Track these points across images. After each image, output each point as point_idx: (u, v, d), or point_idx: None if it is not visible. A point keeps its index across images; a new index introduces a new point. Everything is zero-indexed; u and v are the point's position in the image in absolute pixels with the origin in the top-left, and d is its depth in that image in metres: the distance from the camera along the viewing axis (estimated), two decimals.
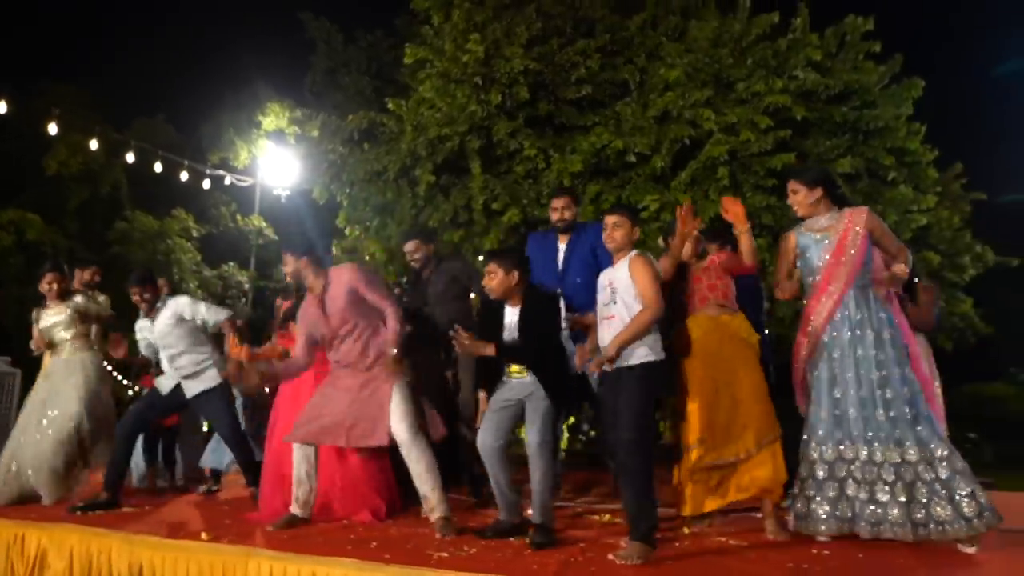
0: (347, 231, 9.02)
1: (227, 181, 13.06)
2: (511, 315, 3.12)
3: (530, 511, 3.03)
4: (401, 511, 3.67)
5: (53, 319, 4.32)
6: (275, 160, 13.19)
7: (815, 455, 2.95)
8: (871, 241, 3.04)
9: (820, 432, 2.95)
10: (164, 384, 4.11)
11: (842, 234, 3.03)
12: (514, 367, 3.06)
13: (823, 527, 2.87)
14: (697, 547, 2.89)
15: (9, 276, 11.92)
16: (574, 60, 7.32)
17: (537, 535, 2.87)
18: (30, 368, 8.24)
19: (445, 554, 2.66)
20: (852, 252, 3.00)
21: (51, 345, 4.34)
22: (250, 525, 3.37)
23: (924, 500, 2.71)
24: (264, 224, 14.38)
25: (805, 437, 3.02)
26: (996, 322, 9.31)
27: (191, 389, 4.08)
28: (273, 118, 11.47)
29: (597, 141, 6.40)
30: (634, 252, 2.97)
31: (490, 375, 3.21)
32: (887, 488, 2.76)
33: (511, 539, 2.98)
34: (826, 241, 3.06)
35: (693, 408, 3.12)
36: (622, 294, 2.91)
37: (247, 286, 13.39)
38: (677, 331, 3.24)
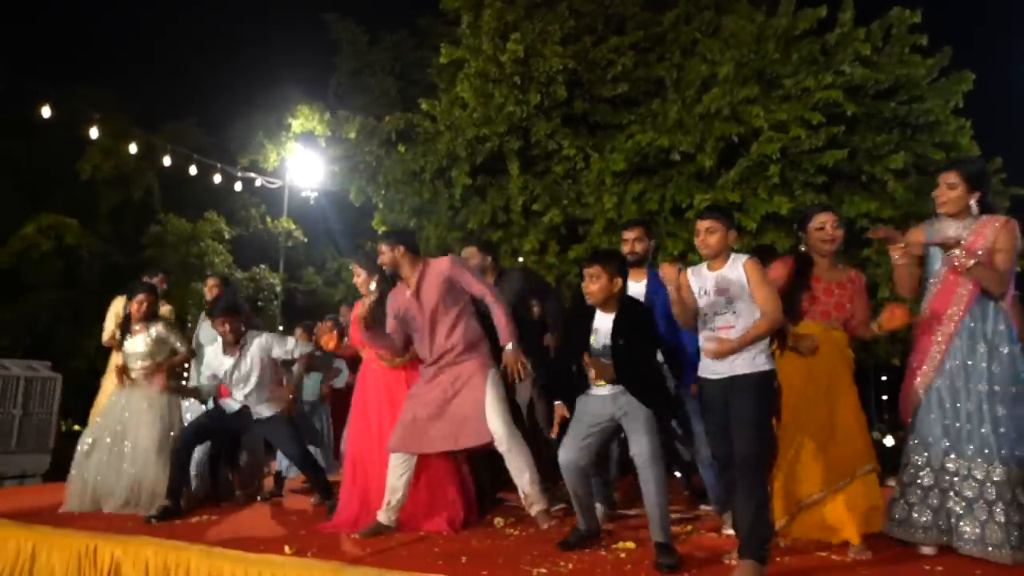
0: (381, 232, 9.00)
1: (257, 183, 13.09)
2: (603, 321, 2.99)
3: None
4: (475, 521, 3.58)
5: (135, 347, 4.22)
6: (303, 162, 13.21)
7: (920, 461, 2.83)
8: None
9: (929, 438, 2.82)
10: (231, 404, 4.07)
11: (971, 241, 2.79)
12: (601, 379, 2.93)
13: (921, 536, 2.77)
14: (800, 565, 2.74)
15: (48, 281, 12.06)
16: (609, 58, 7.24)
17: (662, 556, 2.72)
18: (68, 373, 8.34)
19: (543, 570, 2.58)
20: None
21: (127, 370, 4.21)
22: (327, 536, 3.28)
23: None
24: (293, 226, 14.44)
25: (914, 442, 2.88)
26: None
27: (259, 413, 4.05)
28: (303, 120, 11.45)
29: (641, 139, 6.31)
30: (745, 256, 2.79)
31: (563, 387, 3.12)
32: (987, 507, 2.65)
33: (598, 550, 2.93)
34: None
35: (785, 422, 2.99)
36: (739, 298, 2.71)
37: (278, 288, 13.45)
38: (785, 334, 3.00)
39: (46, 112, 8.80)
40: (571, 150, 6.84)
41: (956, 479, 2.74)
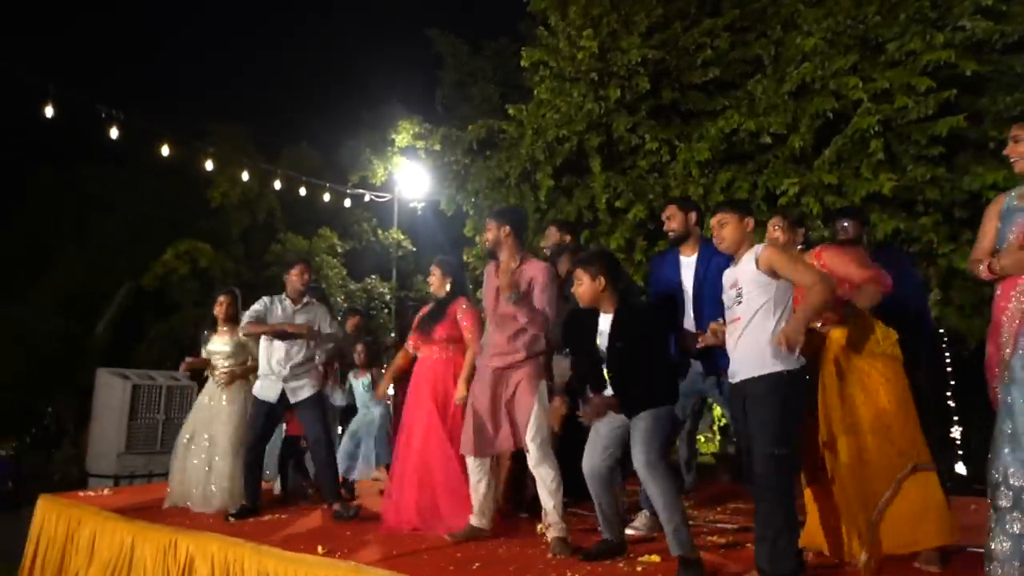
0: (476, 239, 9.10)
1: (366, 198, 13.75)
2: (604, 322, 2.93)
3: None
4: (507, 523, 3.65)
5: (220, 346, 4.59)
6: (409, 175, 13.72)
7: (998, 477, 2.37)
8: None
9: (1005, 450, 2.36)
10: (268, 391, 4.23)
11: None
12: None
13: (1000, 570, 2.29)
14: None
15: (186, 300, 13.42)
16: (700, 42, 6.87)
17: (681, 570, 2.61)
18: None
19: None
20: None
21: (212, 368, 4.62)
22: (368, 539, 3.45)
23: None
24: (403, 236, 15.01)
25: (990, 456, 2.45)
26: None
27: (297, 394, 4.22)
28: (404, 135, 11.91)
29: (726, 125, 5.92)
30: (760, 245, 2.64)
31: (580, 387, 3.09)
32: None
33: (619, 563, 2.84)
34: None
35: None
36: (748, 291, 2.57)
37: (388, 297, 14.02)
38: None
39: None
40: (653, 143, 6.55)
41: None
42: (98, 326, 13.91)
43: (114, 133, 8.34)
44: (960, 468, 7.65)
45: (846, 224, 3.27)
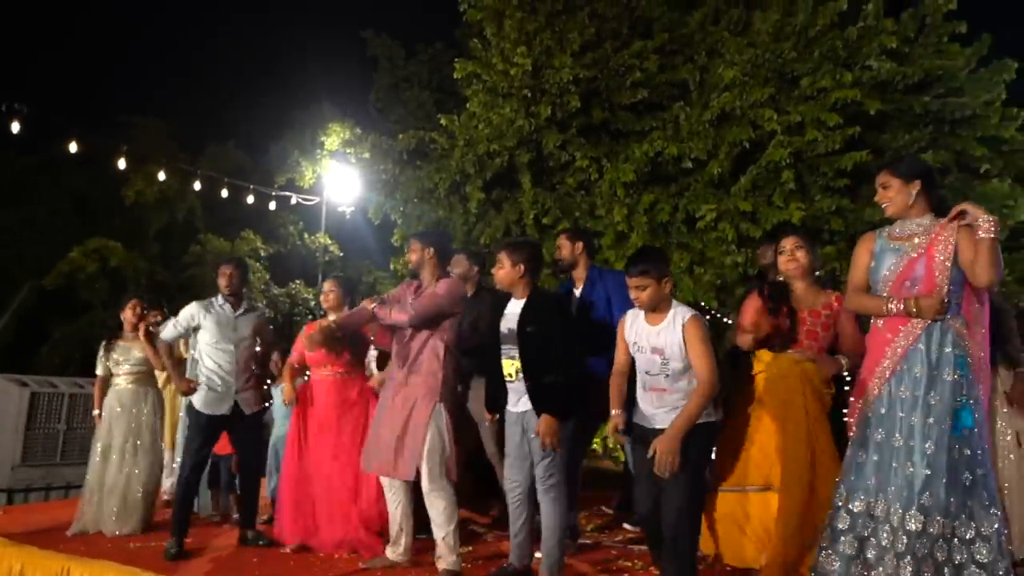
0: (404, 248, 9.00)
1: (293, 201, 13.37)
2: (514, 306, 2.97)
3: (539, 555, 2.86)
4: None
5: (138, 352, 4.45)
6: (339, 178, 13.43)
7: (840, 502, 2.52)
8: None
9: (852, 477, 2.51)
10: (219, 404, 3.99)
11: (927, 247, 2.50)
12: (508, 369, 2.88)
13: None
14: None
15: (95, 301, 12.67)
16: (629, 63, 7.02)
17: None
18: None
19: None
20: (935, 273, 2.46)
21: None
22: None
23: None
24: (330, 241, 14.67)
25: (838, 479, 2.59)
26: None
27: (250, 405, 4.04)
28: (334, 137, 11.66)
29: (650, 148, 6.08)
30: (689, 314, 2.59)
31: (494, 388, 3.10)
32: (912, 563, 2.29)
33: None
34: (904, 253, 2.53)
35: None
36: (672, 362, 2.55)
37: (313, 303, 13.66)
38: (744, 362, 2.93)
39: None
40: (584, 161, 6.65)
41: (881, 528, 2.40)
42: None
43: (15, 127, 7.83)
44: None
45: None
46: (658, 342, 2.56)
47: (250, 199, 11.93)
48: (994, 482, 2.41)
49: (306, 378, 4.19)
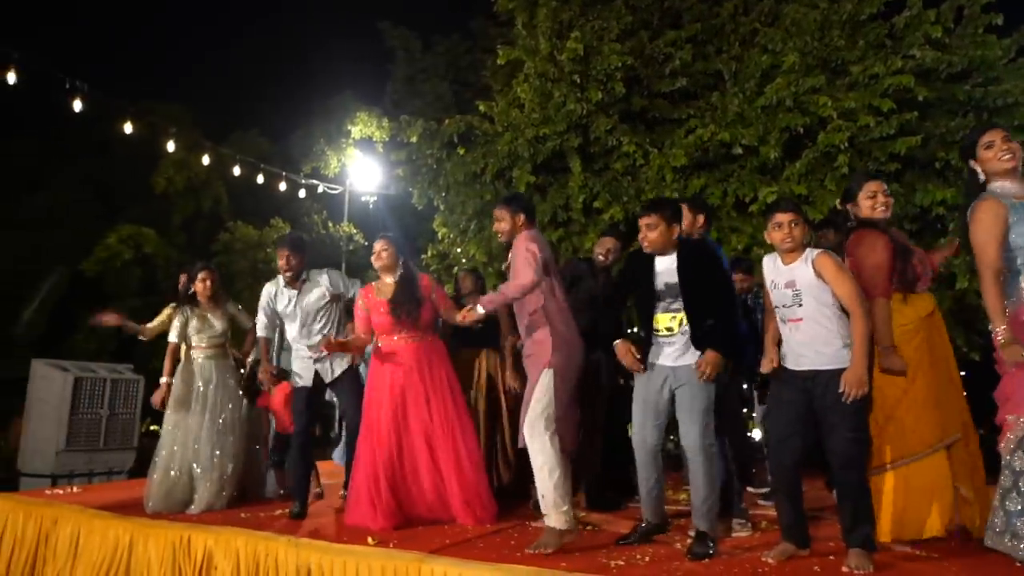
0: (440, 235, 9.14)
1: (319, 190, 13.49)
2: (665, 263, 2.99)
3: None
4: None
5: (216, 322, 4.45)
6: (363, 167, 13.56)
7: (1019, 463, 2.48)
8: None
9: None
10: (304, 375, 4.01)
11: None
12: (666, 323, 2.93)
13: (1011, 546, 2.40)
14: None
15: (129, 288, 12.75)
16: (666, 52, 7.18)
17: (695, 544, 2.77)
18: (150, 375, 8.79)
19: (621, 562, 2.65)
20: None
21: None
22: (404, 529, 3.36)
23: None
24: (354, 230, 14.79)
25: (1010, 435, 2.55)
26: None
27: (333, 371, 3.99)
28: (361, 126, 11.74)
29: (703, 133, 6.24)
30: (817, 251, 2.73)
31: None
32: None
33: (676, 544, 2.94)
34: None
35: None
36: (805, 295, 2.70)
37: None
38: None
39: (127, 128, 9.27)
40: (630, 147, 6.81)
41: None
42: (24, 313, 13.01)
43: (77, 106, 7.91)
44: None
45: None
46: (791, 276, 2.76)
47: (282, 186, 12.04)
48: None
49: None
